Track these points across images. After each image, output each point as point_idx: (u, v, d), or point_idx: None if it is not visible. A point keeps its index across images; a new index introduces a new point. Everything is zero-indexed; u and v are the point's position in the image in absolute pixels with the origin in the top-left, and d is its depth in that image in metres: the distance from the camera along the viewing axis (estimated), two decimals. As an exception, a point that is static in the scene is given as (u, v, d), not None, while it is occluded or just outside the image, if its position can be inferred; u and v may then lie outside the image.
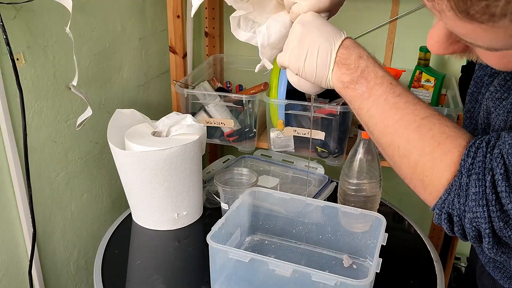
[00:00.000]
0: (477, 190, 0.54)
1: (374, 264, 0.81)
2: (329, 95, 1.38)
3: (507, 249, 0.57)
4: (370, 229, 0.97)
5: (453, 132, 0.58)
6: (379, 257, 0.82)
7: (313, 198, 1.10)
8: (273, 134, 1.35)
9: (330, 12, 0.70)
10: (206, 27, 1.68)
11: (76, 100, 1.14)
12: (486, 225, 0.54)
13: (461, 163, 0.55)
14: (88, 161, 1.23)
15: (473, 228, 0.56)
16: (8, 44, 0.90)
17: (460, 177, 0.55)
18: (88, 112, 1.08)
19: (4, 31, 0.90)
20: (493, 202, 0.53)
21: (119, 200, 1.38)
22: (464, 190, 0.55)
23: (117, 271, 0.99)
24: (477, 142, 0.56)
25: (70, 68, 1.09)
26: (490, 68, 0.69)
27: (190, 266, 1.03)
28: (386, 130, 0.61)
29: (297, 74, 0.68)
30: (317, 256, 1.01)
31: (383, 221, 0.92)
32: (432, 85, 1.38)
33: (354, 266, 0.98)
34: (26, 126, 0.99)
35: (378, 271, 0.80)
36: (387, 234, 0.89)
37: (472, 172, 0.54)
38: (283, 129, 1.34)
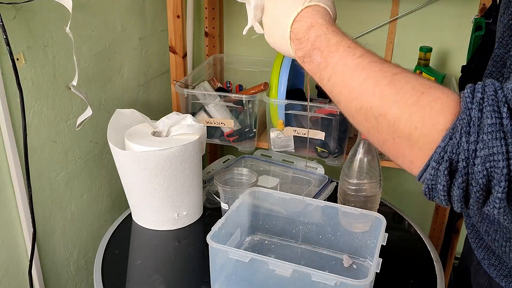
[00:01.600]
0: (493, 122, 0.46)
1: (374, 264, 0.81)
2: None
3: None
4: (370, 229, 0.97)
5: (435, 83, 0.51)
6: (379, 257, 0.82)
7: (313, 198, 1.10)
8: (273, 134, 1.35)
9: None
10: (206, 27, 1.68)
11: (76, 100, 1.14)
12: (504, 162, 0.45)
13: (466, 100, 0.48)
14: (88, 161, 1.23)
15: (485, 172, 0.46)
16: (8, 44, 0.91)
17: (468, 113, 0.47)
18: (88, 112, 1.08)
19: (4, 31, 0.90)
20: (511, 134, 0.45)
21: (119, 200, 1.38)
22: (476, 124, 0.46)
23: (117, 271, 0.99)
24: (479, 83, 0.49)
25: (70, 68, 1.09)
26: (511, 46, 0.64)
27: (190, 266, 1.03)
28: (353, 93, 0.55)
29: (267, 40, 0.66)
30: (317, 256, 1.01)
31: (383, 221, 0.92)
32: (432, 85, 1.38)
33: (354, 266, 0.98)
34: (26, 126, 0.99)
35: (378, 271, 0.80)
36: (387, 234, 0.89)
37: (483, 105, 0.47)
38: (283, 129, 1.34)
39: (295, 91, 1.39)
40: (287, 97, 1.28)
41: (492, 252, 0.76)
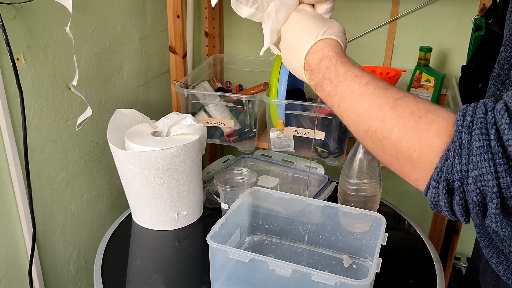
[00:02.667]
0: (481, 144, 0.49)
1: (374, 264, 0.81)
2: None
3: None
4: (370, 229, 0.97)
5: (433, 107, 0.55)
6: (379, 257, 0.82)
7: (313, 198, 1.10)
8: (273, 134, 1.35)
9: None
10: (206, 27, 1.68)
11: (76, 100, 1.14)
12: (493, 181, 0.49)
13: (457, 123, 0.51)
14: (88, 161, 1.23)
15: (477, 191, 0.50)
16: (8, 44, 0.91)
17: (459, 136, 0.51)
18: (88, 112, 1.08)
19: (4, 31, 0.90)
20: (499, 154, 0.49)
21: (119, 200, 1.38)
22: (466, 147, 0.50)
23: (117, 271, 0.99)
24: (472, 104, 0.52)
25: (70, 68, 1.09)
26: None
27: (190, 266, 1.03)
28: (360, 118, 0.60)
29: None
30: (317, 256, 1.01)
31: (383, 221, 0.92)
32: (432, 85, 1.38)
33: (354, 266, 0.98)
34: (26, 126, 0.99)
35: (378, 271, 0.80)
36: (387, 234, 0.89)
37: (473, 128, 0.50)
38: (283, 129, 1.34)
39: (295, 91, 1.39)
40: (287, 97, 1.28)
41: (500, 251, 0.77)
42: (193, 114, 1.38)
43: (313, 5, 0.74)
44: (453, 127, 0.52)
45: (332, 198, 1.17)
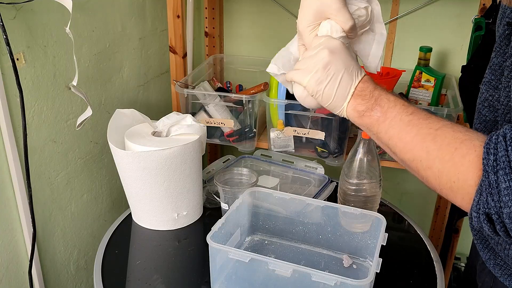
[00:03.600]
0: (508, 185, 0.54)
1: (374, 264, 0.81)
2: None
3: None
4: (370, 229, 0.96)
5: (466, 136, 0.60)
6: (379, 257, 0.82)
7: (313, 198, 1.10)
8: (273, 134, 1.35)
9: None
10: (206, 27, 1.68)
11: (76, 100, 1.14)
12: None
13: (483, 161, 0.56)
14: (88, 161, 1.23)
15: None
16: (8, 44, 0.91)
17: (487, 175, 0.56)
18: (88, 112, 1.08)
19: (4, 31, 0.90)
20: None
21: (119, 200, 1.38)
22: (495, 187, 0.55)
23: (117, 271, 0.99)
24: (494, 138, 0.57)
25: (70, 68, 1.09)
26: (509, 55, 0.68)
27: (190, 266, 1.03)
28: (406, 147, 0.65)
29: (312, 96, 0.73)
30: (317, 256, 1.01)
31: (383, 221, 0.92)
32: (432, 85, 1.38)
33: (354, 266, 0.98)
34: (26, 126, 0.99)
35: (378, 271, 0.80)
36: (387, 234, 0.89)
37: (498, 168, 0.55)
38: (283, 129, 1.34)
39: (295, 91, 1.38)
40: (287, 97, 1.28)
41: (496, 253, 0.77)
42: (193, 114, 1.38)
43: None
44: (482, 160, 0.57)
45: (332, 198, 1.17)
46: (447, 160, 0.60)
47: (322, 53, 0.71)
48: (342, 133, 1.30)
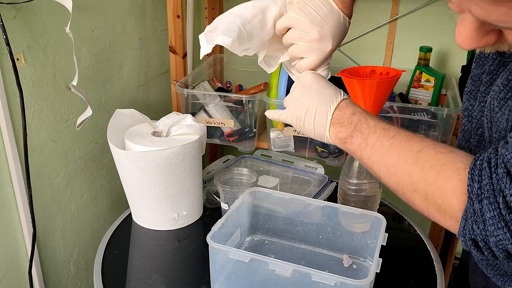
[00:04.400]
0: (493, 214, 0.53)
1: (374, 264, 0.81)
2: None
3: None
4: (370, 229, 0.96)
5: (449, 158, 0.59)
6: (379, 257, 0.82)
7: (313, 198, 1.10)
8: (273, 134, 1.35)
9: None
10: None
11: (76, 100, 1.14)
12: None
13: (468, 189, 0.55)
14: (88, 161, 1.23)
15: (501, 250, 0.55)
16: (8, 44, 0.91)
17: (471, 203, 0.55)
18: (88, 112, 1.08)
19: (4, 31, 0.90)
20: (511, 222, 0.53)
21: (119, 200, 1.38)
22: (480, 216, 0.54)
23: (117, 271, 0.99)
24: (478, 163, 0.56)
25: (70, 68, 1.09)
26: (488, 66, 0.69)
27: (190, 266, 1.03)
28: (390, 171, 0.64)
29: (297, 131, 0.72)
30: (317, 256, 1.01)
31: (383, 221, 0.92)
32: (432, 85, 1.38)
33: (354, 266, 0.98)
34: (26, 126, 0.99)
35: (378, 271, 0.80)
36: (387, 234, 0.89)
37: (482, 197, 0.54)
38: (283, 129, 1.34)
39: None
40: (287, 97, 1.28)
41: None
42: (193, 114, 1.38)
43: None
44: (466, 184, 0.56)
45: (332, 198, 1.17)
46: (431, 183, 0.59)
47: (295, 91, 0.73)
48: (342, 133, 1.30)
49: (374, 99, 0.89)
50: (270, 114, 0.81)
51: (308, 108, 0.71)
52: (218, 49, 1.72)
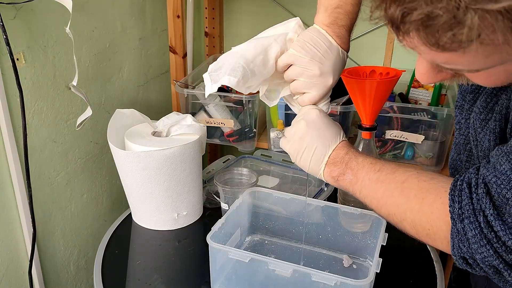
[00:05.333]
0: (475, 233, 0.55)
1: (374, 264, 0.81)
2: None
3: None
4: (370, 229, 0.97)
5: (431, 185, 0.62)
6: (379, 257, 0.82)
7: (313, 198, 1.10)
8: (273, 134, 1.35)
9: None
10: (206, 27, 1.68)
11: (76, 100, 1.14)
12: (497, 261, 0.55)
13: (450, 209, 0.57)
14: (88, 161, 1.23)
15: (488, 266, 0.57)
16: (8, 44, 0.91)
17: (454, 223, 0.57)
18: (88, 112, 1.08)
19: (4, 31, 0.90)
20: (494, 239, 0.54)
21: (119, 200, 1.38)
22: (463, 235, 0.57)
23: (117, 271, 0.99)
24: (458, 184, 0.58)
25: (70, 68, 1.09)
26: (471, 84, 0.69)
27: (190, 266, 1.03)
28: (380, 203, 0.68)
29: (294, 161, 0.77)
30: (317, 256, 1.01)
31: (383, 221, 0.92)
32: (432, 85, 1.38)
33: (354, 266, 0.98)
34: (26, 126, 0.99)
35: (378, 271, 0.80)
36: (387, 234, 0.89)
37: (463, 216, 0.56)
38: (283, 129, 1.34)
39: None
40: (287, 97, 1.28)
41: None
42: (193, 114, 1.38)
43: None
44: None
45: (332, 198, 1.17)
46: (417, 210, 0.62)
47: (300, 125, 0.76)
48: (342, 133, 1.30)
49: (374, 99, 0.89)
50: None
51: (307, 146, 0.74)
52: (218, 49, 1.72)
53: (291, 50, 0.76)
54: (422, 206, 0.61)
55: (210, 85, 0.75)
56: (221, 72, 0.75)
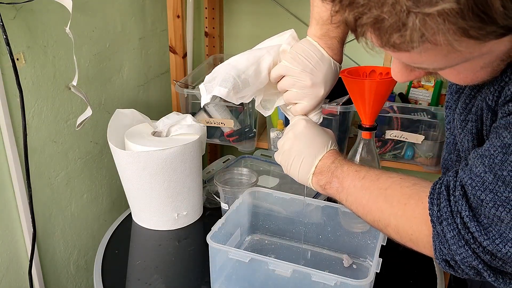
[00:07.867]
0: (453, 234, 0.57)
1: (374, 264, 0.81)
2: (329, 95, 1.38)
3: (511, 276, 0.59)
4: (370, 229, 0.97)
5: (413, 190, 0.63)
6: (379, 257, 0.83)
7: (313, 198, 1.10)
8: (273, 134, 1.35)
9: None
10: (206, 27, 1.68)
11: (76, 100, 1.14)
12: (476, 261, 0.56)
13: (429, 212, 0.59)
14: (88, 161, 1.23)
15: (468, 267, 0.58)
16: (8, 44, 0.91)
17: (434, 226, 0.59)
18: (88, 112, 1.08)
19: (4, 31, 0.90)
20: (471, 240, 0.55)
21: (119, 200, 1.38)
22: (443, 237, 0.58)
23: (117, 271, 0.99)
24: (437, 187, 0.60)
25: (70, 68, 1.09)
26: (455, 85, 0.70)
27: (190, 266, 1.03)
28: (365, 210, 0.69)
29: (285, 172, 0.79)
30: (317, 256, 1.01)
31: (383, 221, 0.92)
32: (432, 85, 1.38)
33: (354, 266, 0.98)
34: (26, 126, 0.99)
35: (378, 271, 0.80)
36: (387, 234, 0.89)
37: (441, 219, 0.58)
38: (283, 129, 1.34)
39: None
40: (287, 97, 1.28)
41: None
42: (193, 114, 1.38)
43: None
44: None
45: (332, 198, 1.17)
46: (400, 216, 0.63)
47: (288, 136, 0.78)
48: (342, 133, 1.30)
49: (374, 99, 0.89)
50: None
51: (296, 156, 0.76)
52: (218, 49, 1.72)
53: (284, 62, 0.78)
54: (405, 211, 0.63)
55: (205, 95, 0.79)
56: (214, 83, 0.78)
